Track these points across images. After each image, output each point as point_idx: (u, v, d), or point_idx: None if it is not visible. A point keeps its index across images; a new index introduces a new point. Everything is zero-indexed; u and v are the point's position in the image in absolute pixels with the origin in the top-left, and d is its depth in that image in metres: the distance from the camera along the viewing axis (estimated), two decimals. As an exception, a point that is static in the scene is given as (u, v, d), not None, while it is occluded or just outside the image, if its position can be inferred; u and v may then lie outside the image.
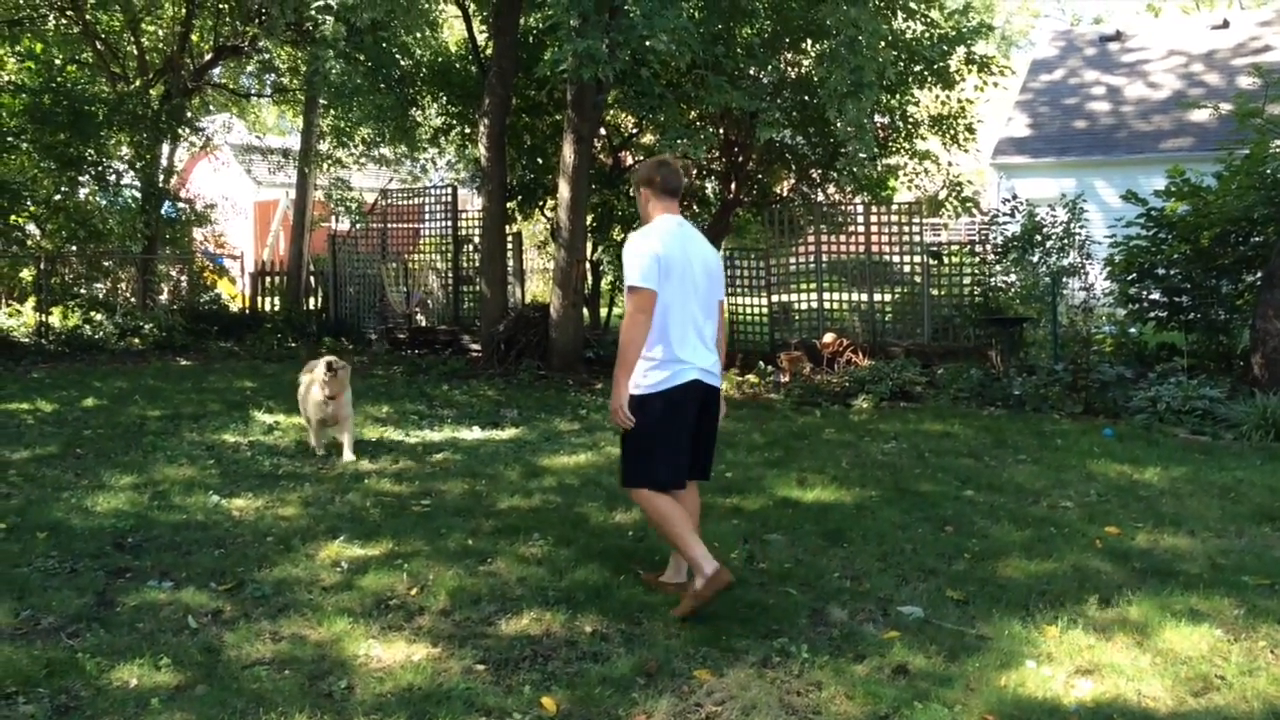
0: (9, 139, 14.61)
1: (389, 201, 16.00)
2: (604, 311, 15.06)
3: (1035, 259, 11.75)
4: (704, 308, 4.56)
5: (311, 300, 17.15)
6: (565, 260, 11.95)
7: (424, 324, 15.34)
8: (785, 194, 14.95)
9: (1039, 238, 11.68)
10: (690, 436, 4.53)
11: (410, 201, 15.85)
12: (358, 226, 16.37)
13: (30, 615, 4.40)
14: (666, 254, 4.41)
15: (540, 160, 14.44)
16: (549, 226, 15.21)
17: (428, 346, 14.41)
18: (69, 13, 15.62)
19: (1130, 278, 11.08)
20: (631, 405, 4.43)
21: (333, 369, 7.30)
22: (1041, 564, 5.10)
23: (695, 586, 4.35)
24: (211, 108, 19.28)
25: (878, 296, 12.60)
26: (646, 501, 4.46)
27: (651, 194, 4.63)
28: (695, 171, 15.01)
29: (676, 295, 4.43)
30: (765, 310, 12.98)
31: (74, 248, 15.98)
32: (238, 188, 22.01)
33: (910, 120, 13.79)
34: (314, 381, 7.41)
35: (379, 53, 13.53)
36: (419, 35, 14.94)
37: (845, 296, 12.75)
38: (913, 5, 12.65)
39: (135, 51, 16.33)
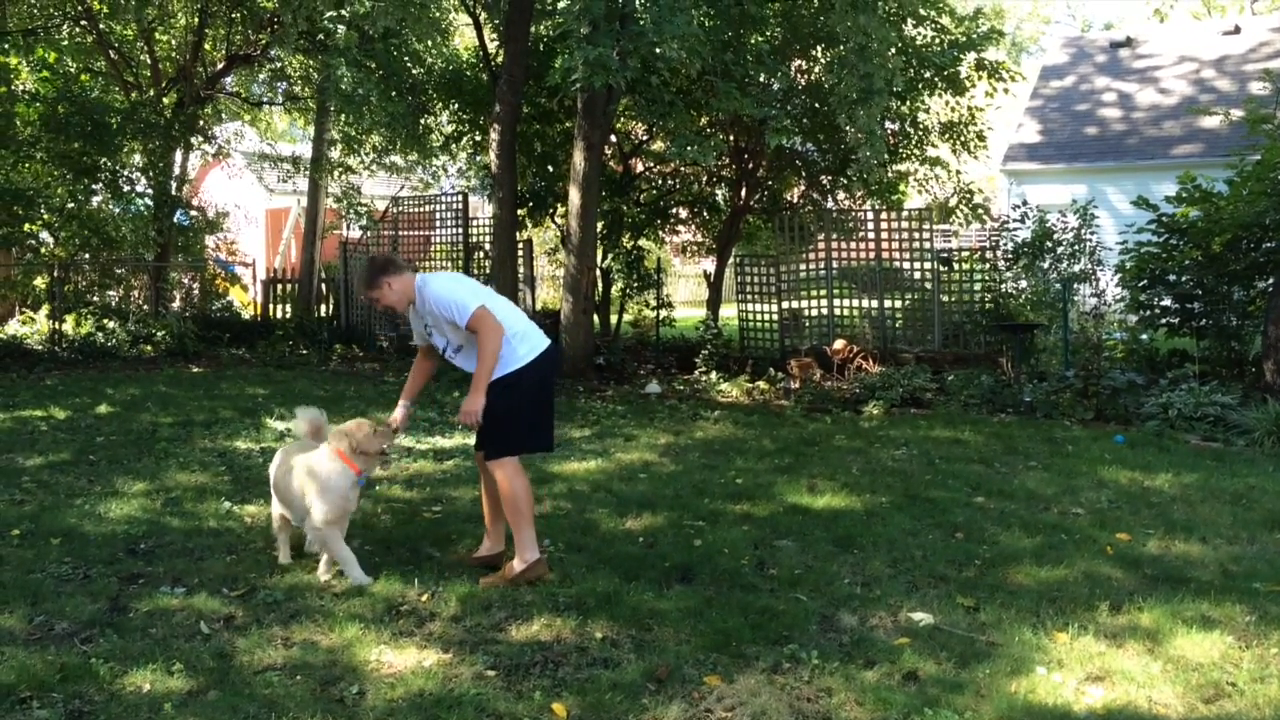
0: (25, 147, 14.72)
1: (400, 209, 16.05)
2: (614, 318, 15.08)
3: (1046, 265, 11.73)
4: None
5: (323, 307, 17.20)
6: (576, 267, 11.97)
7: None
8: (795, 200, 14.95)
9: (1050, 244, 11.65)
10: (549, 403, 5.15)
11: (421, 209, 15.90)
12: (369, 234, 16.43)
13: (44, 621, 4.43)
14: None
15: (551, 167, 14.47)
16: (559, 233, 15.25)
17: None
18: (83, 22, 15.74)
19: (1141, 284, 11.05)
20: (507, 382, 4.87)
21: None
22: (1052, 570, 5.09)
23: (515, 567, 4.86)
24: (224, 116, 19.38)
25: (888, 303, 12.58)
26: (514, 474, 4.91)
27: (398, 277, 5.00)
28: (705, 178, 15.06)
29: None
30: (775, 317, 12.98)
31: (87, 255, 16.07)
32: (250, 195, 22.09)
33: (921, 127, 13.79)
34: (329, 469, 4.91)
35: (390, 60, 13.59)
36: (430, 43, 15.01)
37: (856, 303, 12.73)
38: (922, 12, 12.64)
39: (148, 60, 16.43)
